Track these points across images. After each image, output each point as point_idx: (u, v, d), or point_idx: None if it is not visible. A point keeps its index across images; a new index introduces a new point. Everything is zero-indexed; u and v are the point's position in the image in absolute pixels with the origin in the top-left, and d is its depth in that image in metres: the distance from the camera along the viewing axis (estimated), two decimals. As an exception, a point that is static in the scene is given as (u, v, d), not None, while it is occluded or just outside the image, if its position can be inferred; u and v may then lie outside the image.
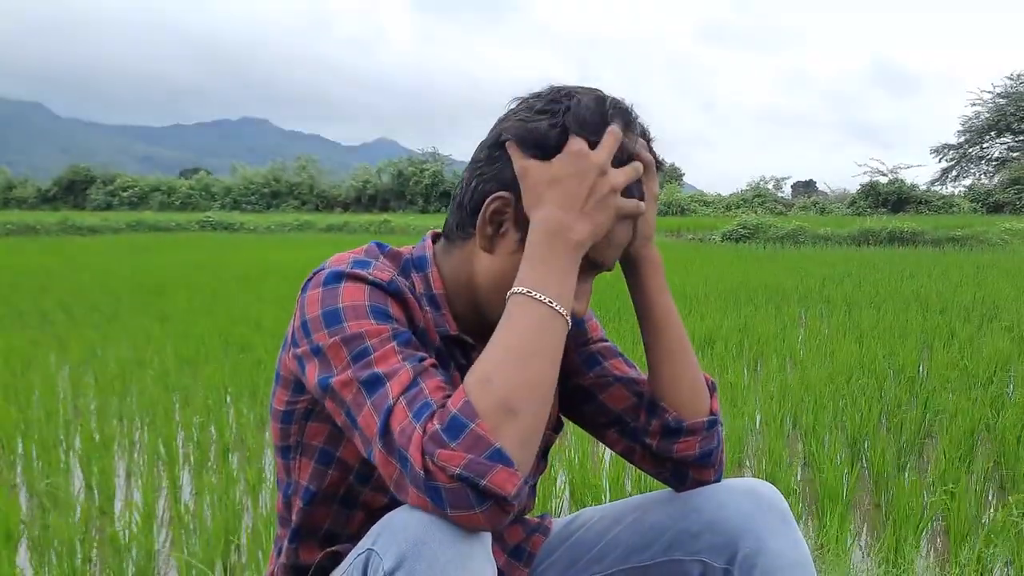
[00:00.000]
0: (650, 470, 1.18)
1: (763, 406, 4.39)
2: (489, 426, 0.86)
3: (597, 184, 0.99)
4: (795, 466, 3.47)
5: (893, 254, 15.15)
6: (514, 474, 0.85)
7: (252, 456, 3.56)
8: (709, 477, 1.16)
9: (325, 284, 1.00)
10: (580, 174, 0.99)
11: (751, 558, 1.05)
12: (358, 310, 0.98)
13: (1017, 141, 34.88)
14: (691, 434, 1.14)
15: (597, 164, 0.99)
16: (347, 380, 0.94)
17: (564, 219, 0.98)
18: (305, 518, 1.11)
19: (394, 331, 0.97)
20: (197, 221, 30.54)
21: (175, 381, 5.05)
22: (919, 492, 3.01)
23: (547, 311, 0.95)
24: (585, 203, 0.99)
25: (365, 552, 0.91)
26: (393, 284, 1.02)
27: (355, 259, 1.05)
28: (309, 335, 0.98)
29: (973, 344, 5.78)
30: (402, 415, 0.89)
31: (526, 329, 0.94)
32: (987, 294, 8.46)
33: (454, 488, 0.84)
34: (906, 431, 3.85)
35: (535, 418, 0.90)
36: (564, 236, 0.98)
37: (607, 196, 1.00)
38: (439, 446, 0.85)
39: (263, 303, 8.19)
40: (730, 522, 1.09)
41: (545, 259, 0.98)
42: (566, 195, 0.99)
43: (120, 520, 2.95)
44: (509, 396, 0.88)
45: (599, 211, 1.00)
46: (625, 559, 1.16)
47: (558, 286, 0.97)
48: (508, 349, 0.92)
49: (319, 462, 1.09)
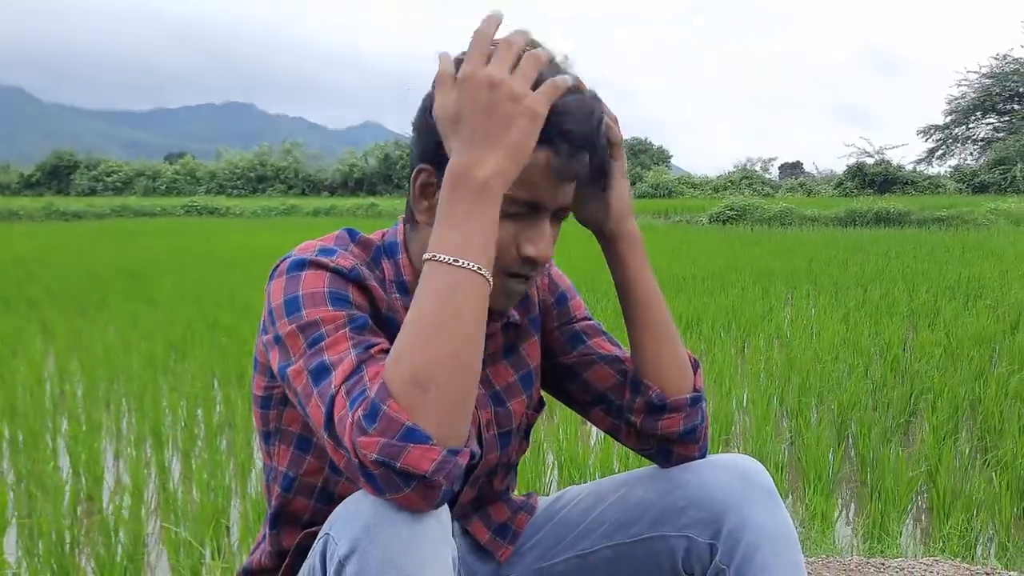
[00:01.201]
0: (636, 447, 1.18)
1: (750, 385, 4.42)
2: (400, 405, 0.83)
3: (492, 101, 0.88)
4: (781, 444, 3.50)
5: (879, 234, 15.22)
6: (430, 449, 0.82)
7: (240, 439, 3.56)
8: (693, 453, 1.16)
9: (288, 272, 1.00)
10: (472, 98, 0.89)
11: (736, 533, 1.06)
12: (316, 297, 0.97)
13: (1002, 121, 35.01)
14: (675, 411, 1.13)
15: (487, 76, 0.89)
16: (299, 369, 0.93)
17: (465, 159, 0.89)
18: (283, 504, 1.11)
19: (349, 316, 0.96)
20: (182, 206, 30.32)
21: (162, 365, 5.04)
22: (904, 468, 3.04)
23: (452, 271, 0.87)
24: (486, 132, 0.88)
25: (324, 537, 0.91)
26: (354, 271, 1.01)
27: (321, 247, 1.03)
28: (274, 323, 0.98)
29: (958, 323, 5.82)
30: (341, 404, 0.87)
31: (431, 296, 0.87)
32: (972, 273, 8.52)
33: (380, 473, 0.83)
34: (892, 408, 3.88)
35: (454, 388, 0.85)
36: (465, 179, 0.89)
37: (509, 111, 0.88)
38: (361, 433, 0.83)
39: (250, 287, 8.16)
40: (715, 497, 1.09)
41: (447, 213, 0.90)
42: (465, 130, 0.90)
43: (110, 504, 2.95)
44: (417, 371, 0.84)
45: (502, 132, 0.88)
46: (610, 536, 1.16)
47: (462, 239, 0.88)
48: (414, 322, 0.87)
49: (297, 448, 1.09)
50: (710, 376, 4.44)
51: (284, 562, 1.11)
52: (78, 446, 3.41)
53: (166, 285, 8.76)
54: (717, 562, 1.07)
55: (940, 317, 6.13)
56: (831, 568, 2.18)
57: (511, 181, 0.90)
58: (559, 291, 1.25)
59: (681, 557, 1.11)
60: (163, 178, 44.16)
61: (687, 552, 1.11)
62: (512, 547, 1.21)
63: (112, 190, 42.93)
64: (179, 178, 44.19)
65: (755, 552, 1.04)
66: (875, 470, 3.10)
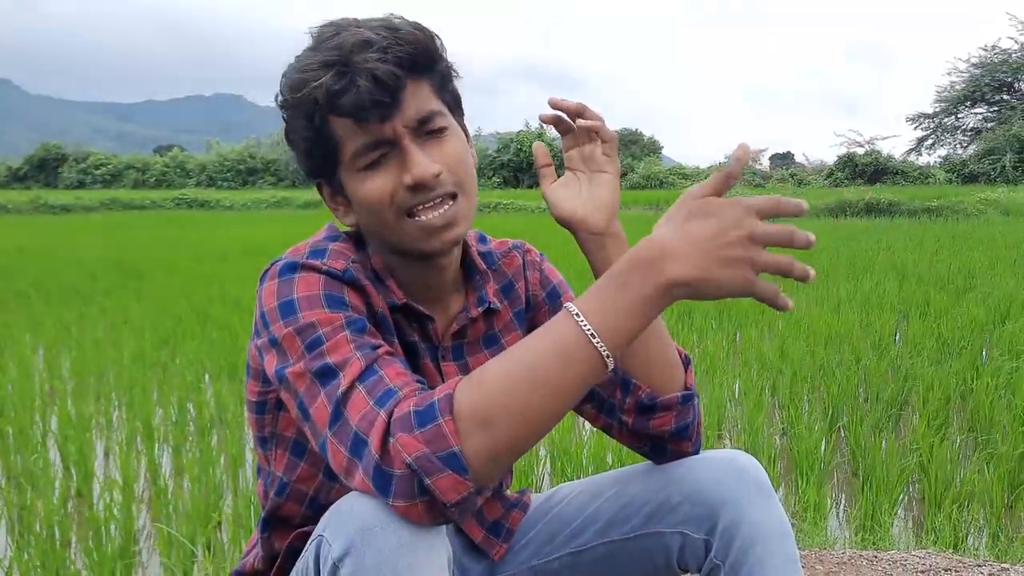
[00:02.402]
0: (629, 444, 1.18)
1: (742, 376, 4.42)
2: (456, 428, 0.82)
3: (738, 243, 0.83)
4: (773, 435, 3.51)
5: (870, 225, 15.25)
6: (462, 482, 0.81)
7: (232, 434, 3.54)
8: (687, 449, 1.16)
9: (280, 275, 0.99)
10: (728, 227, 0.83)
11: (731, 529, 1.05)
12: (312, 300, 0.96)
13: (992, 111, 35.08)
14: (666, 410, 1.12)
15: (751, 227, 0.83)
16: (300, 371, 0.92)
17: (669, 247, 0.84)
18: (275, 508, 1.11)
19: (347, 319, 0.95)
20: (172, 199, 30.17)
21: (153, 360, 5.01)
22: (895, 459, 3.05)
23: (584, 343, 0.83)
24: (710, 253, 0.83)
25: (317, 538, 0.90)
26: (348, 272, 1.00)
27: (311, 249, 1.03)
28: (268, 326, 0.97)
29: (949, 313, 5.84)
30: (362, 403, 0.87)
31: (548, 351, 0.84)
32: (962, 263, 8.54)
33: (404, 475, 0.82)
34: (883, 399, 3.89)
35: (512, 440, 0.83)
36: (656, 266, 0.84)
37: (740, 261, 0.83)
38: (404, 429, 0.83)
39: (241, 281, 8.12)
40: (710, 493, 1.09)
41: (616, 281, 0.85)
42: (695, 230, 0.84)
43: (100, 500, 2.93)
44: (491, 408, 0.82)
45: (719, 265, 0.83)
46: (605, 533, 1.16)
47: (614, 321, 0.84)
48: (519, 363, 0.84)
49: (292, 453, 1.09)
50: (702, 367, 4.45)
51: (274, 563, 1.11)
52: (68, 442, 3.39)
53: (156, 279, 8.72)
54: (712, 558, 1.07)
55: (931, 308, 6.14)
56: (825, 561, 2.19)
57: (684, 297, 0.85)
58: (551, 286, 1.24)
59: (676, 553, 1.11)
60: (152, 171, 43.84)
61: (682, 548, 1.10)
62: (506, 545, 1.21)
63: (101, 183, 42.62)
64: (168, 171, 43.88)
65: (750, 548, 1.04)
66: (867, 461, 3.10)
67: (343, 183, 1.03)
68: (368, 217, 1.03)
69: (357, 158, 0.99)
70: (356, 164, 1.00)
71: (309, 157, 1.04)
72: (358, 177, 1.01)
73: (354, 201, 1.03)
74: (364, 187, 1.00)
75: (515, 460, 0.86)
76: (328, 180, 1.06)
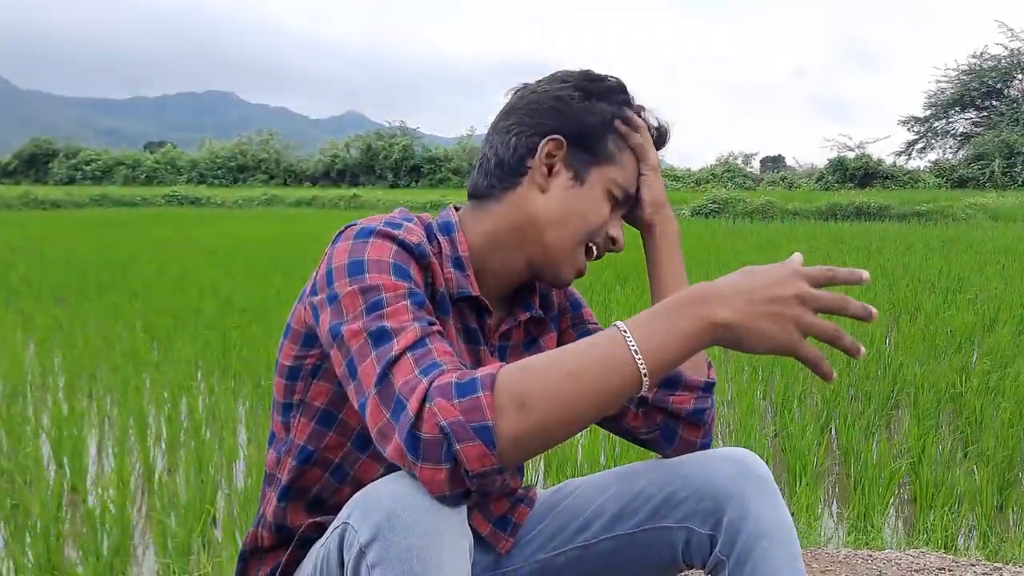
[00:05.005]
0: (640, 428, 1.19)
1: (735, 378, 4.44)
2: (493, 402, 0.85)
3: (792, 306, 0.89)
4: (766, 437, 3.53)
5: (860, 228, 15.32)
6: (489, 456, 0.84)
7: (225, 430, 3.54)
8: (697, 438, 1.19)
9: (356, 237, 1.02)
10: (784, 289, 0.90)
11: (736, 524, 1.07)
12: (381, 265, 0.99)
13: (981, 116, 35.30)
14: (688, 389, 1.17)
15: (804, 294, 0.90)
16: (357, 330, 0.94)
17: (723, 293, 0.91)
18: (296, 477, 1.11)
19: (409, 290, 0.98)
20: (163, 195, 29.98)
21: (145, 357, 5.00)
22: (887, 461, 3.07)
23: (628, 360, 0.88)
24: (762, 307, 0.89)
25: (341, 525, 0.91)
26: (420, 247, 1.04)
27: (388, 220, 1.06)
28: (332, 283, 0.99)
29: (939, 317, 5.88)
30: (407, 369, 0.89)
31: (595, 360, 0.89)
32: (952, 268, 8.60)
33: (434, 439, 0.84)
34: (874, 402, 3.92)
35: (543, 428, 0.87)
36: (705, 306, 0.90)
37: (790, 321, 0.89)
38: (443, 396, 0.85)
39: (232, 278, 8.11)
40: (716, 489, 1.10)
41: (668, 315, 0.91)
42: (756, 284, 0.91)
43: (96, 497, 2.93)
44: (530, 392, 0.86)
45: (769, 320, 0.89)
46: (611, 527, 1.17)
47: (660, 347, 0.89)
48: (563, 361, 0.89)
49: (319, 423, 1.09)
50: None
51: (284, 538, 1.11)
52: (61, 438, 3.38)
53: (147, 275, 8.68)
54: (717, 553, 1.08)
55: (921, 311, 6.19)
56: (819, 560, 2.20)
57: (727, 342, 0.91)
58: (573, 297, 1.31)
59: (682, 548, 1.12)
60: (143, 167, 43.62)
61: (687, 543, 1.12)
62: (513, 539, 1.22)
63: (91, 179, 42.36)
64: (159, 167, 43.66)
65: (755, 543, 1.05)
66: (858, 462, 3.13)
67: (589, 174, 1.13)
68: (561, 217, 1.11)
69: (616, 186, 1.14)
70: (611, 188, 1.14)
71: (589, 133, 1.12)
72: (601, 195, 1.14)
73: (573, 196, 1.12)
74: (596, 205, 1.13)
75: (539, 451, 0.89)
76: (576, 151, 1.12)
